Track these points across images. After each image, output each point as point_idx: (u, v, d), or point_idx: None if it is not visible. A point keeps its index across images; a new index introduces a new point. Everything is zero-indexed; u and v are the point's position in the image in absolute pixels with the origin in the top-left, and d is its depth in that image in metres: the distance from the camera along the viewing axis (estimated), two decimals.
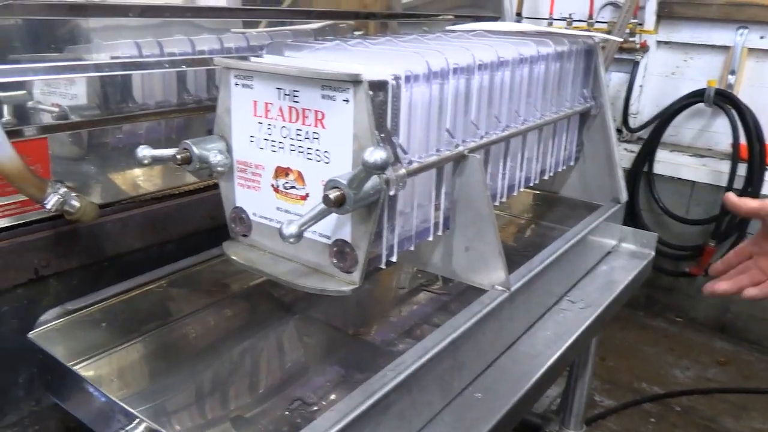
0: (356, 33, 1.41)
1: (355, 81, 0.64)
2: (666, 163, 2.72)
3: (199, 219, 1.01)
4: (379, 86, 0.66)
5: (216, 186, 1.05)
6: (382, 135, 0.68)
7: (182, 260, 0.93)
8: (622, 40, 2.63)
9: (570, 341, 0.91)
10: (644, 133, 2.79)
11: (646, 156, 2.74)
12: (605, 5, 2.84)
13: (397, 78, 0.69)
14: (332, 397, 0.75)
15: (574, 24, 2.81)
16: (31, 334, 0.76)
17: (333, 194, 0.62)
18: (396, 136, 0.70)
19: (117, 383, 0.76)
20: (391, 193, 0.68)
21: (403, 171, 0.69)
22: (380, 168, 0.58)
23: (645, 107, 2.83)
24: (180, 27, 1.02)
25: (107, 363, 0.79)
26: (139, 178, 1.00)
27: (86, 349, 0.78)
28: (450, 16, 1.72)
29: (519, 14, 2.86)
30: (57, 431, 0.94)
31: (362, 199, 0.64)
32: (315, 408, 0.73)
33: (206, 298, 0.93)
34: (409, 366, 0.68)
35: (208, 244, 0.97)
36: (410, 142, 0.73)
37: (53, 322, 0.78)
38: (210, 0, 1.10)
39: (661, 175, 2.74)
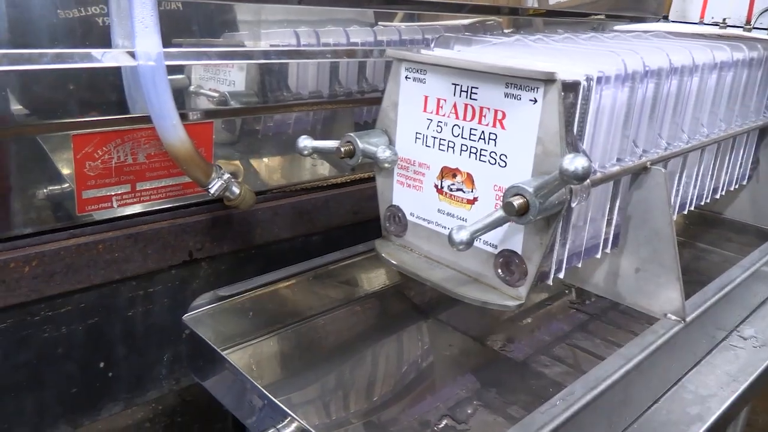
0: (506, 30, 1.35)
1: (547, 80, 0.58)
2: None
3: (344, 213, 1.00)
4: (571, 87, 0.60)
5: (360, 181, 1.04)
6: (569, 141, 0.61)
7: (327, 255, 0.91)
8: None
9: (747, 383, 0.81)
10: None
11: None
12: (766, 10, 2.59)
13: (589, 78, 0.62)
14: (485, 418, 0.70)
15: (728, 29, 2.59)
16: (185, 317, 0.77)
17: (516, 201, 0.57)
18: (581, 142, 0.64)
19: (258, 372, 0.75)
20: (574, 204, 0.62)
21: (587, 181, 0.63)
22: (580, 178, 0.52)
23: None
24: (326, 17, 1.01)
25: (253, 351, 0.78)
26: (288, 168, 0.99)
27: (234, 336, 0.78)
28: (601, 16, 1.62)
29: (665, 17, 2.67)
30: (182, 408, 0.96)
31: (546, 209, 0.58)
32: (467, 429, 0.68)
33: (347, 295, 0.90)
34: (580, 398, 0.61)
35: (349, 239, 0.95)
36: (593, 149, 0.67)
37: (205, 307, 0.78)
38: None
39: None
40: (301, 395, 0.74)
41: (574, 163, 0.52)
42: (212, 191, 0.75)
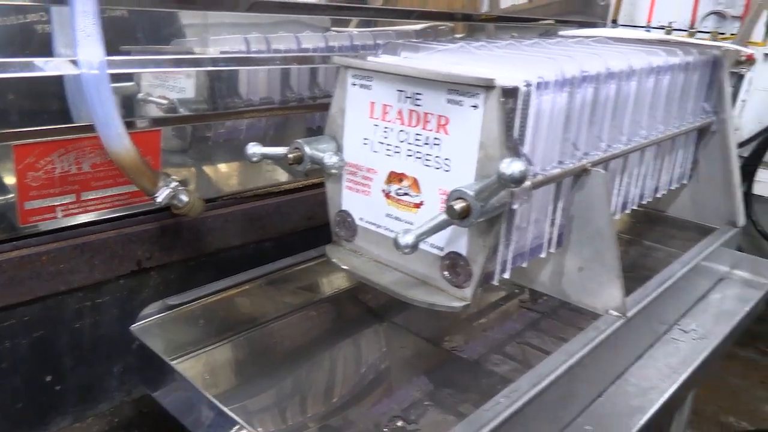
0: (458, 35, 1.37)
1: (487, 86, 0.60)
2: (767, 183, 2.55)
3: (297, 219, 1.00)
4: (510, 92, 0.62)
5: (314, 186, 1.04)
6: (509, 145, 0.63)
7: (279, 260, 0.91)
8: (751, 52, 2.47)
9: (687, 374, 0.84)
10: (743, 151, 2.62)
11: (745, 175, 2.57)
12: (709, 14, 2.68)
13: (528, 84, 0.64)
14: (435, 418, 0.71)
15: (674, 33, 2.67)
16: (133, 327, 0.76)
17: (458, 205, 0.58)
18: (522, 145, 0.66)
19: (211, 380, 0.75)
20: (515, 206, 0.64)
21: (528, 184, 0.65)
22: (518, 181, 0.53)
23: (747, 124, 2.66)
24: (282, 24, 1.01)
25: (204, 360, 0.78)
26: (240, 175, 0.99)
27: (184, 345, 0.78)
28: (551, 21, 1.65)
29: (615, 21, 2.75)
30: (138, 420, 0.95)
31: (488, 212, 0.60)
32: (417, 429, 0.69)
33: (301, 300, 0.91)
34: (524, 394, 0.63)
35: (303, 245, 0.96)
36: (534, 152, 0.68)
37: (154, 317, 0.78)
38: None
39: (760, 196, 2.56)
40: (253, 403, 0.74)
41: (512, 167, 0.53)
42: (159, 200, 0.74)
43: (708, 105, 1.09)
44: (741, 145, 2.64)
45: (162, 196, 0.74)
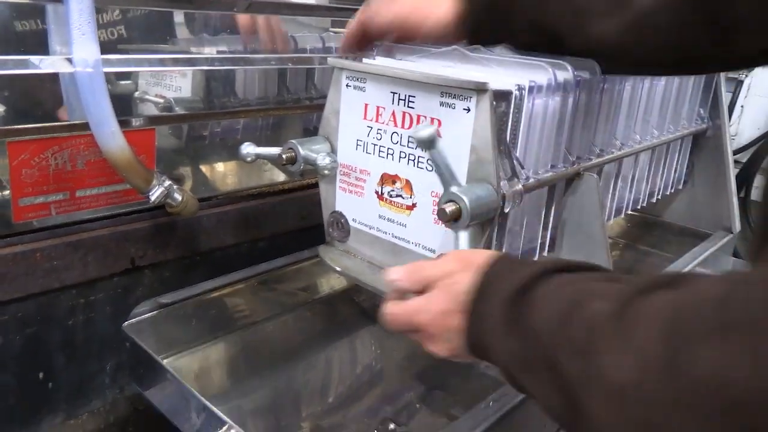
0: None
1: (479, 89, 0.60)
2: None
3: (291, 219, 1.00)
4: (502, 96, 0.62)
5: (308, 187, 1.04)
6: (501, 148, 0.63)
7: (273, 260, 0.91)
8: None
9: None
10: (742, 157, 2.62)
11: (743, 181, 2.57)
12: None
13: (521, 88, 0.64)
14: (426, 420, 0.71)
15: None
16: (125, 325, 0.76)
17: (449, 208, 0.58)
18: (515, 149, 0.66)
19: (202, 379, 0.75)
20: (507, 209, 0.64)
21: (519, 187, 0.65)
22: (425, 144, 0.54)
23: (745, 129, 2.67)
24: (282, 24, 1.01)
25: (195, 358, 0.78)
26: (235, 174, 0.99)
27: (176, 343, 0.78)
28: None
29: None
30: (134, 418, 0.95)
31: (479, 215, 0.60)
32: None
33: (294, 301, 0.91)
34: (514, 397, 0.63)
35: (296, 245, 0.96)
36: (527, 156, 0.69)
37: (147, 314, 0.78)
38: None
39: (758, 202, 2.56)
40: (244, 403, 0.74)
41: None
42: (152, 199, 0.74)
43: (703, 110, 1.09)
44: (739, 150, 2.64)
45: (155, 194, 0.74)
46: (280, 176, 1.04)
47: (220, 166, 0.98)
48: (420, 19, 0.73)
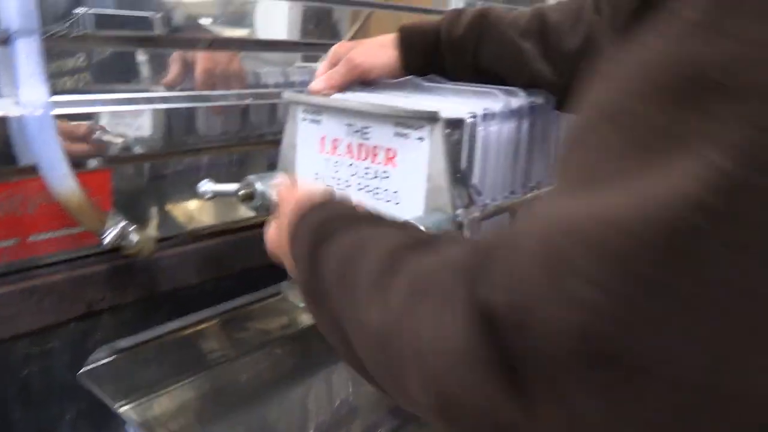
0: None
1: (431, 118, 0.60)
2: None
3: (256, 255, 0.98)
4: (455, 124, 0.62)
5: None
6: (458, 175, 0.63)
7: (236, 299, 0.90)
8: None
9: None
10: None
11: None
12: None
13: (474, 116, 0.64)
14: None
15: None
16: (80, 373, 0.73)
17: None
18: (472, 176, 0.65)
19: (166, 427, 0.72)
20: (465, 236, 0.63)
21: (477, 214, 0.65)
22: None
23: None
24: (244, 60, 1.01)
25: (155, 405, 0.75)
26: (197, 212, 0.98)
27: (136, 389, 0.75)
28: None
29: None
30: None
31: None
32: None
33: (260, 339, 0.89)
34: None
35: (263, 281, 0.94)
36: (485, 183, 0.68)
37: (104, 360, 0.75)
38: (272, 34, 1.08)
39: None
40: None
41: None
42: (106, 241, 0.73)
43: None
44: None
45: (108, 237, 0.72)
46: (248, 212, 1.03)
47: (182, 205, 0.97)
48: (368, 67, 0.75)
